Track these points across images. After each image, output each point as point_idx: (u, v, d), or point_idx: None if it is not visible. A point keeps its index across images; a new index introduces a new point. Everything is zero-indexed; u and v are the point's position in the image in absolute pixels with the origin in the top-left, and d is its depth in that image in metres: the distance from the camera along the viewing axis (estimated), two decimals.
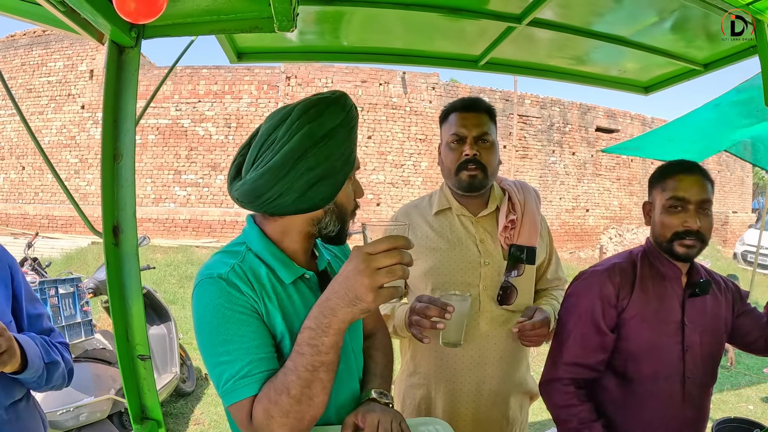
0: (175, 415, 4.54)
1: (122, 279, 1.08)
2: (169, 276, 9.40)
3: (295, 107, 1.14)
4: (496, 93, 14.72)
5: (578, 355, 1.69)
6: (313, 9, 1.72)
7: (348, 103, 1.18)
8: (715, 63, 1.99)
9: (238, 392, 1.05)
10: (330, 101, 1.15)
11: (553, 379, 1.73)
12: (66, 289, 3.63)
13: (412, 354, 1.93)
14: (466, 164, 1.78)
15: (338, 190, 1.18)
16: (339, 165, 1.14)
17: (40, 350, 1.47)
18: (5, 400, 1.43)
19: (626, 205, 17.03)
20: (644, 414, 1.68)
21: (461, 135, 1.81)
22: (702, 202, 1.62)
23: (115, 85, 1.07)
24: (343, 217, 1.24)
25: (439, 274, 1.81)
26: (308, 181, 1.11)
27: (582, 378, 1.71)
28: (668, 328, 1.67)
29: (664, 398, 1.68)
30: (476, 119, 1.81)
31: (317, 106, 1.13)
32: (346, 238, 1.29)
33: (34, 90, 13.95)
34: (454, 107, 1.87)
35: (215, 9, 1.09)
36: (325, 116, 1.12)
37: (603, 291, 1.69)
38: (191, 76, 13.38)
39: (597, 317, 1.68)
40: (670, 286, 1.71)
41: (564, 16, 1.79)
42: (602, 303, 1.68)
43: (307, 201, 1.14)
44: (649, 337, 1.67)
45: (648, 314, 1.67)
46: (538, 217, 1.91)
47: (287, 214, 1.17)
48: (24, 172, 14.02)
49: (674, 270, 1.71)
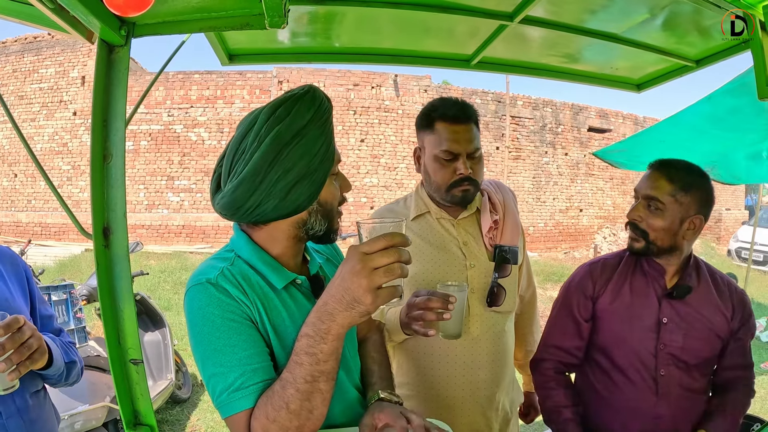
0: (171, 422, 4.51)
1: (113, 281, 1.07)
2: (163, 282, 9.36)
3: (261, 110, 1.11)
4: (488, 94, 14.75)
5: (558, 339, 1.87)
6: (305, 9, 1.71)
7: (317, 96, 1.12)
8: (707, 59, 1.99)
9: (233, 405, 1.02)
10: (296, 98, 1.10)
11: (538, 359, 1.91)
12: (59, 296, 3.60)
13: (398, 365, 1.87)
14: (461, 182, 1.73)
15: (320, 188, 1.13)
16: (316, 163, 1.10)
17: (61, 351, 1.59)
18: (31, 388, 1.56)
19: (620, 204, 17.09)
20: (616, 403, 1.76)
21: (455, 152, 1.71)
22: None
23: (105, 85, 1.06)
24: (329, 214, 1.20)
25: (424, 279, 1.76)
26: (286, 185, 1.08)
27: (563, 362, 1.86)
28: (642, 324, 1.73)
29: (636, 391, 1.72)
30: (468, 133, 1.72)
31: (284, 104, 1.10)
32: (336, 236, 1.25)
33: (25, 97, 13.87)
34: (440, 115, 1.74)
35: (205, 6, 1.08)
36: (293, 115, 1.08)
37: (582, 282, 1.85)
38: (183, 81, 13.34)
39: (573, 306, 1.84)
40: (651, 284, 1.76)
41: (556, 14, 1.79)
42: (579, 294, 1.84)
43: (289, 205, 1.10)
44: (619, 330, 1.76)
45: (620, 308, 1.77)
46: (518, 217, 1.90)
47: (271, 220, 1.14)
48: (16, 180, 13.93)
49: (656, 268, 1.76)
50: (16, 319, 1.35)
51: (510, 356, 1.90)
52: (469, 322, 1.76)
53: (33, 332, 1.40)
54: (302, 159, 1.08)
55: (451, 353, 1.76)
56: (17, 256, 1.70)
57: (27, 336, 1.37)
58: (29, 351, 1.37)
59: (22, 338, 1.35)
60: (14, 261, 1.66)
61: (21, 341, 1.35)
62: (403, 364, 1.85)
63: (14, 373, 1.34)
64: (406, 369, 1.84)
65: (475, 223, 1.85)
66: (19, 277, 1.64)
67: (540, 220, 15.24)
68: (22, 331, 1.36)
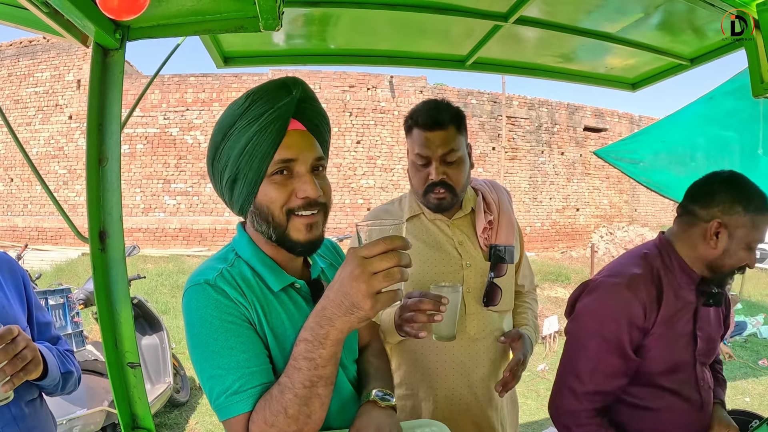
0: (169, 425, 4.50)
1: (109, 285, 1.06)
2: (160, 286, 9.33)
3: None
4: (484, 95, 14.77)
5: (601, 383, 1.53)
6: (300, 12, 1.71)
7: (251, 95, 1.09)
8: (701, 57, 2.00)
9: (231, 408, 1.02)
10: (240, 98, 1.10)
11: (574, 411, 1.55)
12: (56, 301, 3.59)
13: (396, 365, 1.86)
14: (433, 188, 1.71)
15: (253, 190, 1.10)
16: (243, 164, 1.07)
17: (57, 360, 1.58)
18: (27, 397, 1.55)
19: (616, 203, 17.14)
20: (663, 426, 1.59)
21: (425, 156, 1.70)
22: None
23: (100, 88, 1.06)
24: (268, 219, 1.11)
25: (421, 280, 1.75)
26: (226, 183, 1.11)
27: (604, 407, 1.57)
28: (682, 342, 1.57)
29: (684, 409, 1.60)
30: (440, 138, 1.68)
31: (230, 104, 1.12)
32: (301, 248, 1.15)
33: (21, 101, 13.84)
34: (416, 122, 1.72)
35: (200, 9, 1.08)
36: (225, 114, 1.11)
37: (630, 311, 1.51)
38: (179, 84, 13.33)
39: (623, 342, 1.51)
40: (685, 295, 1.58)
41: (550, 14, 1.79)
42: (629, 325, 1.51)
43: (236, 204, 1.13)
44: (667, 356, 1.55)
45: (669, 331, 1.54)
46: (513, 216, 1.89)
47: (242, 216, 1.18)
48: (12, 184, 13.90)
49: (692, 276, 1.60)
50: (10, 329, 1.34)
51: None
52: (466, 322, 1.76)
53: (27, 343, 1.38)
54: (229, 159, 1.09)
55: (449, 353, 1.76)
56: (15, 262, 1.68)
57: (21, 347, 1.36)
58: (23, 362, 1.36)
59: (16, 349, 1.34)
60: (12, 267, 1.64)
61: (14, 352, 1.34)
62: (401, 365, 1.85)
63: (8, 385, 1.33)
64: (404, 369, 1.84)
65: (470, 223, 1.85)
66: (17, 283, 1.62)
67: (537, 219, 15.26)
68: (15, 342, 1.35)
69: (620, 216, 17.21)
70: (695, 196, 1.60)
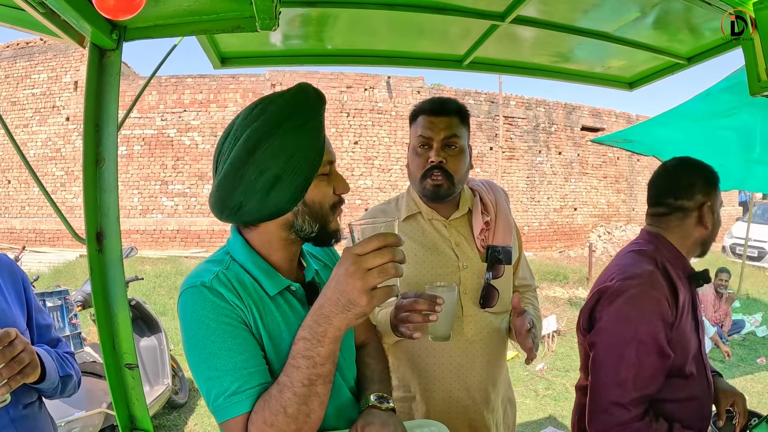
0: (168, 427, 4.50)
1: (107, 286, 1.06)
2: (158, 287, 9.32)
3: (242, 112, 1.11)
4: (481, 95, 14.79)
5: (646, 386, 1.50)
6: (297, 12, 1.71)
7: (299, 95, 1.10)
8: (698, 56, 2.00)
9: (229, 409, 1.01)
10: (273, 98, 1.09)
11: (624, 422, 1.48)
12: (54, 302, 3.58)
13: (393, 366, 1.83)
14: (431, 171, 1.72)
15: (303, 189, 1.09)
16: (295, 163, 1.06)
17: (56, 364, 1.57)
18: (25, 399, 1.53)
19: (614, 202, 17.16)
20: (689, 412, 1.61)
21: (427, 137, 1.73)
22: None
23: (97, 89, 1.05)
24: (319, 216, 1.15)
25: (417, 281, 1.74)
26: (264, 185, 1.05)
27: (646, 409, 1.52)
28: (691, 326, 1.62)
29: (703, 390, 1.66)
30: (444, 122, 1.72)
31: (260, 105, 1.09)
32: (337, 239, 1.22)
33: (18, 102, 13.82)
34: (422, 109, 1.78)
35: (196, 9, 1.08)
36: (268, 114, 1.06)
37: (661, 309, 1.51)
38: (176, 85, 13.32)
39: (660, 340, 1.50)
40: (683, 284, 1.63)
41: (547, 13, 1.79)
42: (663, 323, 1.51)
43: (271, 206, 1.08)
44: (686, 343, 1.58)
45: (684, 319, 1.57)
46: (510, 217, 1.89)
47: (258, 221, 1.13)
48: (10, 186, 13.87)
49: (685, 264, 1.68)
50: (7, 332, 1.34)
51: (504, 357, 1.89)
52: (463, 324, 1.75)
53: (25, 346, 1.38)
54: (277, 159, 1.05)
55: (446, 354, 1.75)
56: (15, 264, 1.67)
57: (18, 350, 1.35)
58: (20, 365, 1.35)
59: (13, 352, 1.34)
60: (12, 270, 1.63)
61: (12, 355, 1.33)
62: (399, 366, 1.84)
63: (5, 388, 1.33)
64: (401, 370, 1.83)
65: (467, 223, 1.84)
66: (17, 286, 1.62)
67: (534, 219, 15.27)
68: (13, 345, 1.34)
69: (618, 215, 17.23)
70: (677, 193, 1.68)
